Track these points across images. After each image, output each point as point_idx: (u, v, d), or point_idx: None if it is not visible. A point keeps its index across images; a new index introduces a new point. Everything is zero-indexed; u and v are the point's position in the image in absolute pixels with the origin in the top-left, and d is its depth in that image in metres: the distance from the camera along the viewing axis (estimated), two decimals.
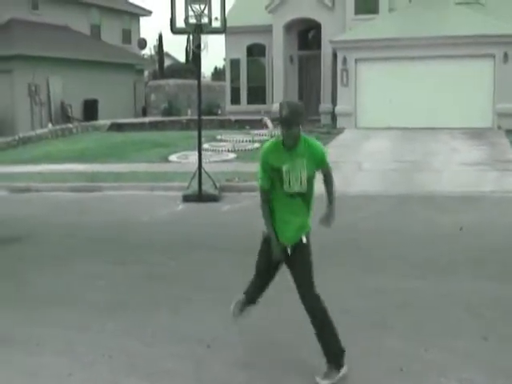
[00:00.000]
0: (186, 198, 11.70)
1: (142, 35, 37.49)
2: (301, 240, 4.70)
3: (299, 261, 4.73)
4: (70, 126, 24.65)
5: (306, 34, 27.15)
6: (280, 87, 26.35)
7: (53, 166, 15.90)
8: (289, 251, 4.69)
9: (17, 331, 5.64)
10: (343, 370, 4.54)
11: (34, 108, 25.23)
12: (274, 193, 4.61)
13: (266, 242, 4.74)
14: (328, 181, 4.78)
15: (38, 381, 4.70)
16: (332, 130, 22.15)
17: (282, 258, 4.69)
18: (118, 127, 25.18)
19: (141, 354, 5.10)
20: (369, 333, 5.39)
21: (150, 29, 65.63)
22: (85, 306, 6.24)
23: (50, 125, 24.81)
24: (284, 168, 4.48)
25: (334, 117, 23.89)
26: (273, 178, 4.55)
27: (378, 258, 7.69)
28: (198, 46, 12.07)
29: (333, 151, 17.21)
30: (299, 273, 4.73)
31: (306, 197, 4.66)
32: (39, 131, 22.96)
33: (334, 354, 4.57)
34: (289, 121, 4.38)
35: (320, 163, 4.60)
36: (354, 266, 7.36)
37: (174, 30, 12.23)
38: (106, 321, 5.82)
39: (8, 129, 23.71)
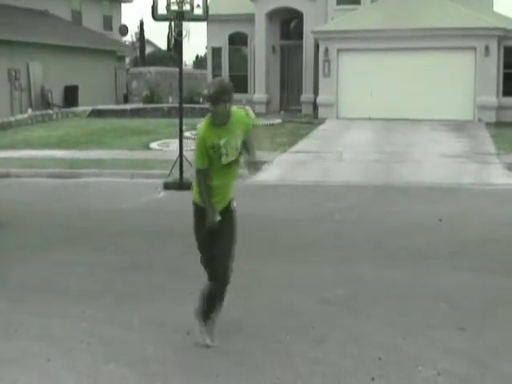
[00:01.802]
0: (167, 186, 11.67)
1: (123, 22, 37.20)
2: (229, 203, 4.98)
3: (227, 227, 4.97)
4: (50, 112, 24.42)
5: (289, 24, 27.11)
6: (262, 77, 26.33)
7: (33, 151, 15.76)
8: (219, 217, 4.88)
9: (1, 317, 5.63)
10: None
11: (13, 93, 24.93)
12: (212, 168, 4.79)
13: (197, 215, 4.93)
14: (250, 138, 5.03)
15: (18, 366, 4.68)
16: (313, 120, 22.21)
17: (216, 225, 4.87)
18: (98, 114, 25.00)
19: (120, 340, 5.11)
20: (347, 321, 5.44)
21: (132, 15, 65.10)
22: (63, 294, 6.22)
23: (29, 110, 24.53)
24: (221, 143, 4.72)
25: (315, 107, 23.92)
26: (210, 155, 4.74)
27: (357, 247, 7.76)
28: (180, 34, 12.00)
29: (314, 141, 17.33)
30: (224, 241, 4.94)
31: (238, 162, 4.96)
32: (19, 117, 22.71)
33: (204, 314, 4.93)
34: (215, 98, 4.64)
35: (248, 128, 4.93)
36: (333, 256, 7.41)
37: (156, 17, 12.16)
38: (85, 308, 5.80)
39: None
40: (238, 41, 28.16)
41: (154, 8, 11.98)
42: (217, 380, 4.43)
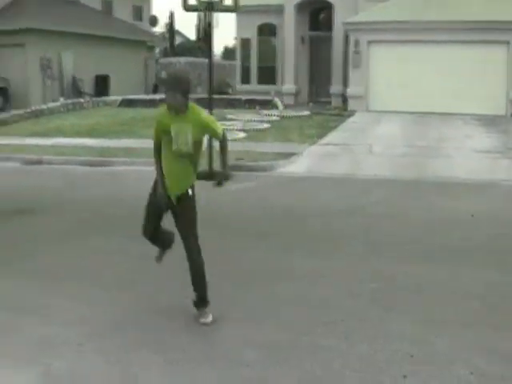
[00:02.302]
0: (197, 176, 11.68)
1: (154, 12, 37.33)
2: (187, 191, 5.36)
3: (184, 211, 5.37)
4: (82, 100, 24.66)
5: (318, 15, 26.97)
6: (290, 68, 26.25)
7: (64, 139, 15.94)
8: (174, 201, 5.33)
9: (28, 301, 5.71)
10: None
11: (46, 82, 25.21)
12: (168, 151, 5.18)
13: (154, 193, 5.41)
14: (221, 146, 5.38)
15: (51, 350, 4.75)
16: (343, 112, 22.09)
17: (166, 206, 5.36)
18: (128, 103, 25.16)
19: (152, 327, 5.15)
20: (378, 317, 5.40)
21: (162, 6, 65.29)
22: (95, 280, 6.29)
23: (61, 99, 24.81)
24: (172, 130, 5.06)
25: (344, 99, 23.80)
26: (164, 138, 5.15)
27: (388, 242, 7.69)
28: (210, 24, 12.04)
29: (343, 134, 17.24)
30: (184, 224, 5.37)
31: (192, 158, 5.30)
32: (51, 105, 22.98)
33: (200, 299, 5.24)
34: (171, 88, 4.97)
35: (205, 129, 5.14)
36: (363, 250, 7.36)
37: (186, 7, 12.18)
38: (117, 295, 5.87)
39: (21, 102, 23.73)
40: (266, 32, 28.11)
41: None
42: (246, 370, 4.44)
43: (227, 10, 12.55)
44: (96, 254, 7.17)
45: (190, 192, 5.40)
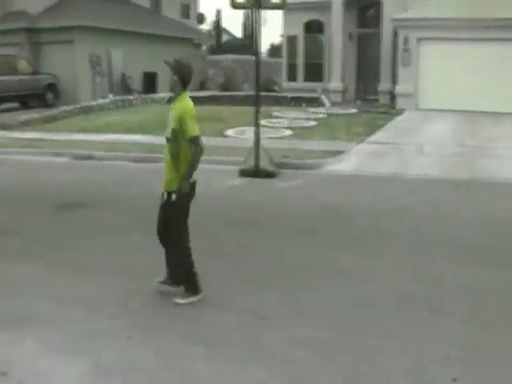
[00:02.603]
0: (243, 173, 11.76)
1: (201, 10, 37.60)
2: (170, 195, 5.46)
3: (166, 213, 5.57)
4: (131, 97, 25.02)
5: (366, 11, 26.71)
6: (338, 65, 26.08)
7: (113, 135, 16.20)
8: (165, 195, 5.52)
9: (74, 293, 5.84)
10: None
11: (95, 79, 25.66)
12: None
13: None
14: (191, 153, 5.42)
15: (100, 342, 4.85)
16: (391, 110, 21.85)
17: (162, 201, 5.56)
18: None
19: (197, 320, 5.21)
20: (425, 318, 5.34)
21: (209, 4, 65.61)
22: (140, 274, 6.35)
23: (110, 96, 25.22)
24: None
25: (393, 97, 23.53)
26: None
27: (437, 243, 7.58)
28: (258, 22, 12.05)
29: (391, 132, 17.04)
30: (167, 224, 5.56)
31: (172, 147, 5.44)
32: (100, 101, 23.39)
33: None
34: (172, 69, 5.35)
35: (180, 121, 5.28)
36: (411, 250, 7.28)
37: (234, 5, 12.22)
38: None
39: (70, 98, 24.24)
40: (313, 28, 27.99)
41: None
42: (293, 368, 4.45)
43: (275, 7, 12.56)
44: (138, 249, 7.26)
45: (172, 197, 5.43)
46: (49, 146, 15.02)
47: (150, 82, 28.36)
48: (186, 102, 5.38)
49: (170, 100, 5.74)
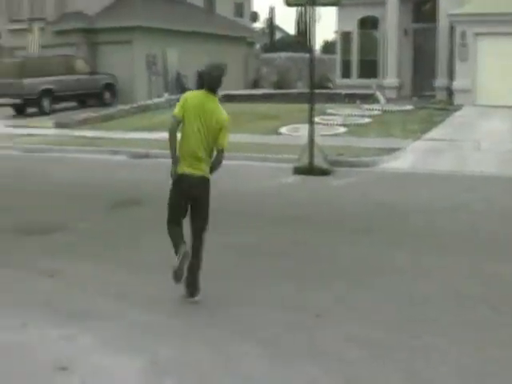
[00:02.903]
0: (297, 171, 11.74)
1: (254, 8, 37.67)
2: None
3: None
4: None
5: (422, 6, 26.24)
6: (393, 61, 25.72)
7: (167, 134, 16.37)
8: None
9: (131, 289, 5.95)
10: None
11: (151, 78, 26.04)
12: None
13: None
14: None
15: (157, 339, 4.91)
16: (448, 106, 21.40)
17: None
18: (229, 98, 25.46)
19: (252, 320, 5.23)
20: (485, 317, 5.23)
21: (262, 2, 65.69)
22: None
23: (166, 94, 25.54)
24: None
25: (450, 93, 23.07)
26: None
27: (496, 241, 7.40)
28: (313, 19, 12.02)
29: (448, 129, 16.73)
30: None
31: None
32: (156, 100, 23.71)
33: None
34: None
35: None
36: (469, 248, 7.13)
37: (288, 2, 12.21)
38: (216, 287, 5.94)
39: (127, 97, 24.68)
40: (368, 24, 27.69)
41: None
42: (348, 368, 4.41)
43: (329, 3, 12.51)
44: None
45: None
46: (106, 145, 15.33)
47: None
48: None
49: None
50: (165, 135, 16.38)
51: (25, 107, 23.57)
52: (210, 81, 5.47)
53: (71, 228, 8.27)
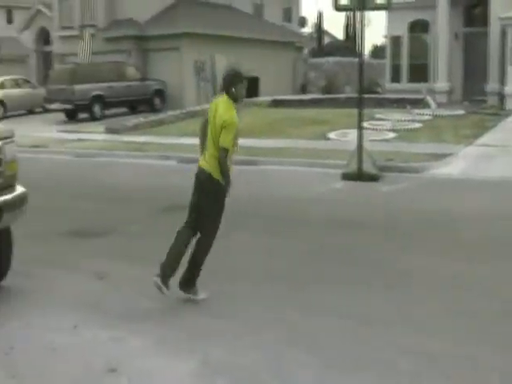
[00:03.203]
0: (346, 176, 11.65)
1: (302, 13, 37.64)
2: None
3: None
4: None
5: (473, 10, 25.78)
6: (444, 65, 25.31)
7: None
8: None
9: (180, 293, 5.93)
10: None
11: (199, 84, 26.27)
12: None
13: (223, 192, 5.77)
14: None
15: (207, 341, 4.92)
16: (500, 111, 20.95)
17: None
18: (277, 104, 25.56)
19: (303, 326, 5.18)
20: None
21: (310, 6, 65.70)
22: (245, 276, 6.46)
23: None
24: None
25: (501, 98, 22.58)
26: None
27: None
28: (362, 23, 11.94)
29: (501, 134, 16.35)
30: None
31: None
32: (205, 106, 23.86)
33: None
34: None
35: None
36: None
37: (338, 7, 12.13)
38: (267, 291, 5.97)
39: (176, 103, 24.97)
40: (418, 28, 27.35)
41: None
42: (402, 379, 4.31)
43: (379, 7, 12.40)
44: (242, 250, 7.37)
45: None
46: (156, 150, 15.52)
47: (252, 86, 28.66)
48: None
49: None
50: None
51: (76, 113, 24.09)
52: (222, 84, 5.74)
53: (122, 231, 8.39)
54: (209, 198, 5.70)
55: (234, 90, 5.58)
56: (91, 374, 4.45)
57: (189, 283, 5.72)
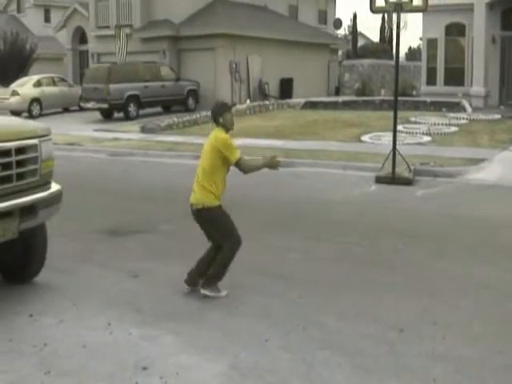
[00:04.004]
0: (379, 180, 11.55)
1: (337, 15, 37.49)
2: None
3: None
4: (267, 103, 25.41)
5: (510, 14, 25.38)
6: (480, 69, 24.94)
7: (250, 140, 16.53)
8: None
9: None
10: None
11: (233, 84, 26.34)
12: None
13: (222, 211, 5.89)
14: None
15: (238, 341, 4.92)
16: None
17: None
18: (311, 105, 25.51)
19: (334, 329, 5.15)
20: None
21: (345, 8, 65.42)
22: (280, 277, 6.44)
23: (248, 101, 25.76)
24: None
25: None
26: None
27: None
28: (398, 25, 11.80)
29: None
30: None
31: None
32: (238, 107, 23.94)
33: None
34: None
35: None
36: None
37: (374, 9, 12.05)
38: (301, 293, 5.95)
39: (210, 103, 24.97)
40: (454, 31, 27.02)
41: (372, 0, 11.91)
42: None
43: (416, 10, 12.28)
44: (279, 251, 7.36)
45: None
46: (189, 150, 15.58)
47: (286, 88, 28.69)
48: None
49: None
50: (247, 141, 16.55)
51: (111, 112, 24.33)
52: (211, 115, 6.15)
53: (156, 230, 8.45)
54: (213, 224, 5.88)
55: (221, 119, 5.85)
56: (123, 371, 4.47)
57: (211, 280, 5.87)
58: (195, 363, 4.59)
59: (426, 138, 16.22)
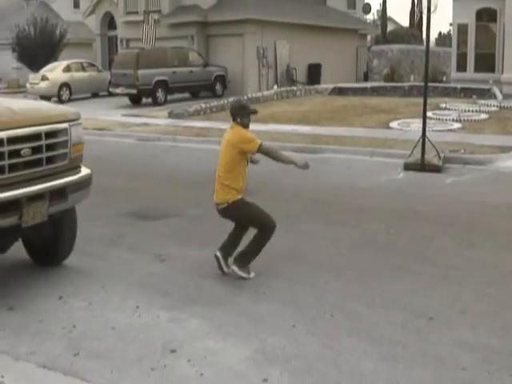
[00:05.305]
0: (407, 167, 11.43)
1: (367, 0, 36.98)
2: None
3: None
4: (294, 88, 25.27)
5: None
6: (511, 55, 24.52)
7: (278, 125, 16.49)
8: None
9: (244, 281, 5.98)
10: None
11: (261, 70, 26.25)
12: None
13: (244, 202, 5.99)
14: None
15: (265, 327, 4.94)
16: None
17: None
18: (339, 91, 25.28)
19: (361, 316, 5.14)
20: None
21: None
22: (308, 263, 6.45)
23: (275, 87, 25.66)
24: None
25: None
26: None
27: None
28: (429, 9, 11.65)
29: None
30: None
31: None
32: (266, 92, 23.87)
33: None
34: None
35: None
36: None
37: None
38: (329, 279, 5.95)
39: (238, 89, 25.04)
40: (485, 17, 26.49)
41: None
42: (462, 374, 4.23)
43: None
44: (307, 238, 7.36)
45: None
46: (216, 135, 15.57)
47: (314, 73, 28.50)
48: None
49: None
50: (275, 127, 16.49)
51: (140, 97, 24.43)
52: (230, 111, 6.17)
53: (183, 214, 8.49)
54: (243, 215, 6.01)
55: (239, 119, 5.95)
56: (152, 354, 4.52)
57: (243, 260, 5.96)
58: (222, 347, 4.62)
59: (456, 125, 16.00)
